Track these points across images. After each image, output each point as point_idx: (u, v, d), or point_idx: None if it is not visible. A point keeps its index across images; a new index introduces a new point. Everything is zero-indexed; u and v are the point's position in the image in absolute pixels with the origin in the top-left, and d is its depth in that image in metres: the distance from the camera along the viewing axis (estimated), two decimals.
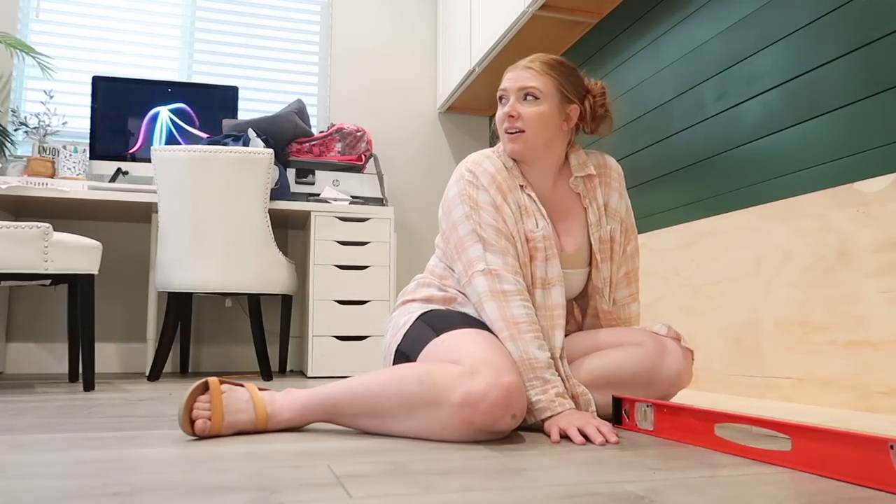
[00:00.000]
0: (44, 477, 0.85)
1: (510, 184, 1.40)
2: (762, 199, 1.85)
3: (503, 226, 1.35)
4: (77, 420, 1.41)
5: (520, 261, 1.36)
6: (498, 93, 1.45)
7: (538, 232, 1.38)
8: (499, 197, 1.37)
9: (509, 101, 1.41)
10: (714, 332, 1.95)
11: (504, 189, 1.38)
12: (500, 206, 1.36)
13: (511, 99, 1.41)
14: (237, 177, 2.55)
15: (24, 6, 3.25)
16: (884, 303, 1.45)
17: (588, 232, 1.47)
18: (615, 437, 1.14)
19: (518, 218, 1.38)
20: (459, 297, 1.41)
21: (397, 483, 0.82)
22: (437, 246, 1.51)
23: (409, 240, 3.66)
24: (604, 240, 1.46)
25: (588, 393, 1.33)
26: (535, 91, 1.39)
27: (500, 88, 1.44)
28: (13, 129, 3.06)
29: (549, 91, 1.40)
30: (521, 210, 1.40)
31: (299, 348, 3.31)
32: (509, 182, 1.40)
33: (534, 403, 1.23)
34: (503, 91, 1.43)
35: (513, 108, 1.39)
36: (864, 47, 1.57)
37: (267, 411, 1.20)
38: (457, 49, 3.43)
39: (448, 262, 1.45)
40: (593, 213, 1.47)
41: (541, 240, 1.38)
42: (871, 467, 0.81)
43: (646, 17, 2.44)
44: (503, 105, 1.43)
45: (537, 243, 1.38)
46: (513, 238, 1.36)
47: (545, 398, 1.22)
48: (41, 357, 3.08)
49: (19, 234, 2.03)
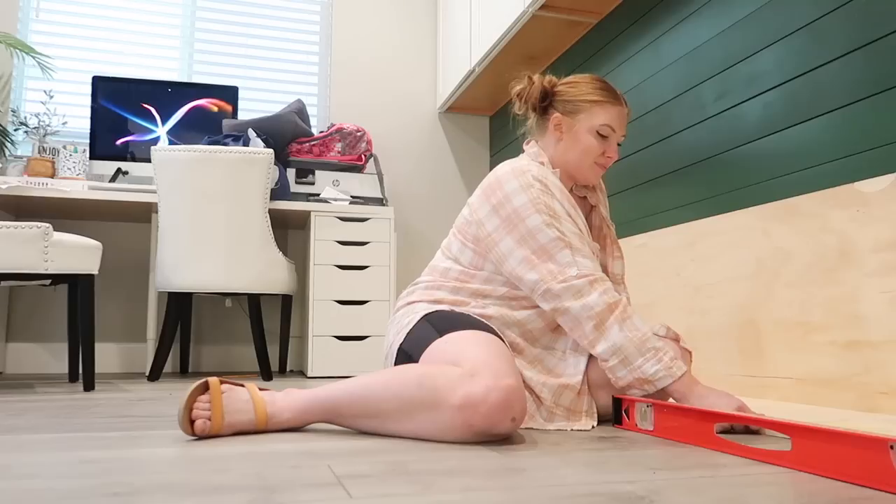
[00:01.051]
0: (44, 477, 0.85)
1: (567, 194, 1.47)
2: (762, 199, 1.85)
3: (583, 233, 1.42)
4: (77, 420, 1.41)
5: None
6: (603, 127, 1.46)
7: (594, 248, 1.49)
8: (567, 204, 1.42)
9: (614, 142, 1.49)
10: (714, 332, 1.95)
11: (568, 198, 1.44)
12: (573, 216, 1.42)
13: (614, 140, 1.48)
14: (237, 177, 2.55)
15: (24, 6, 3.25)
16: (884, 303, 1.45)
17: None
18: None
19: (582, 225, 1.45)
20: (472, 302, 1.41)
21: (397, 483, 0.82)
22: (461, 244, 1.46)
23: (409, 240, 3.66)
24: (613, 229, 1.61)
25: (591, 399, 1.37)
26: (622, 140, 1.52)
27: (608, 125, 1.46)
28: (13, 129, 3.06)
29: None
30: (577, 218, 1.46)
31: (299, 348, 3.31)
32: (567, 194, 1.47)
33: (653, 374, 1.27)
34: (610, 129, 1.47)
35: (616, 153, 1.49)
36: (864, 47, 1.57)
37: (267, 411, 1.20)
38: (457, 49, 3.43)
39: (493, 269, 1.42)
40: (604, 206, 1.60)
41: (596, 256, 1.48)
42: (871, 467, 0.81)
43: (646, 17, 2.44)
44: (605, 141, 1.47)
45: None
46: (592, 245, 1.43)
47: (662, 366, 1.27)
48: (41, 357, 3.08)
49: (19, 234, 2.03)
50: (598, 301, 1.31)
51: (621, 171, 2.54)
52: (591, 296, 1.31)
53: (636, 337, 1.29)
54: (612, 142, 1.48)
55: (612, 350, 1.29)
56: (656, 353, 1.28)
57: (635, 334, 1.29)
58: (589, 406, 1.36)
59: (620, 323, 1.30)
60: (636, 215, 2.44)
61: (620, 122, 1.48)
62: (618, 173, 2.56)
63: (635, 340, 1.29)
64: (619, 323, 1.30)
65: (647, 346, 1.29)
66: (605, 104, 1.46)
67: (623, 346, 1.29)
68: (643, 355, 1.28)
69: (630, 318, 1.31)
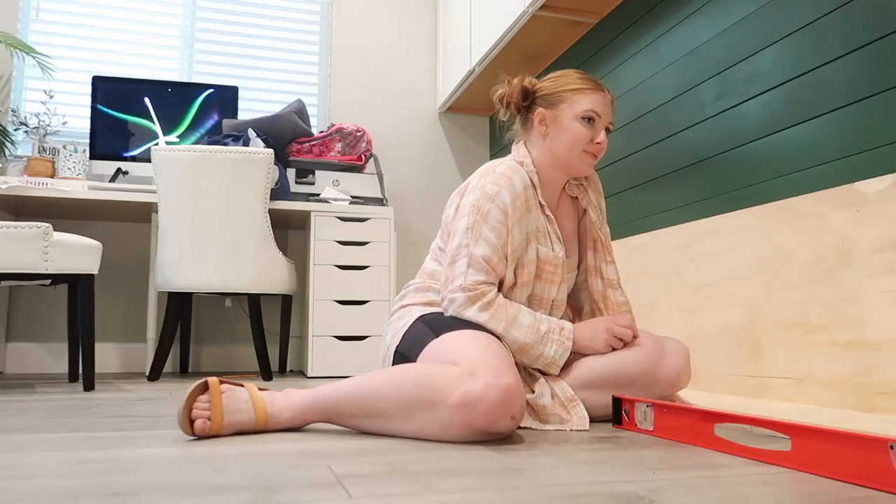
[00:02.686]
0: (44, 477, 0.85)
1: (530, 203, 1.42)
2: (762, 199, 1.85)
3: (506, 243, 1.37)
4: (77, 420, 1.41)
5: (516, 280, 1.41)
6: (588, 112, 1.44)
7: (558, 258, 1.44)
8: (515, 217, 1.38)
9: (599, 126, 1.46)
10: (714, 333, 1.95)
11: (522, 210, 1.40)
12: (511, 228, 1.38)
13: (601, 126, 1.46)
14: (237, 177, 2.55)
15: (24, 6, 3.25)
16: (884, 303, 1.45)
17: (577, 232, 1.56)
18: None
19: (529, 241, 1.42)
20: None
21: (397, 483, 0.82)
22: (439, 249, 1.51)
23: (409, 240, 3.66)
24: (606, 233, 1.56)
25: (577, 399, 1.35)
26: (611, 126, 1.48)
27: (592, 109, 1.44)
28: (13, 129, 3.06)
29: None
30: (540, 232, 1.43)
31: (299, 348, 3.31)
32: (531, 202, 1.42)
33: (553, 357, 1.35)
34: (595, 114, 1.45)
35: (604, 140, 1.46)
36: (864, 47, 1.57)
37: (267, 411, 1.20)
38: (457, 49, 3.43)
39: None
40: (593, 210, 1.55)
41: (561, 264, 1.45)
42: (871, 467, 0.81)
43: (646, 17, 2.44)
44: (592, 127, 1.45)
45: (558, 269, 1.44)
46: (506, 259, 1.38)
47: (557, 346, 1.36)
48: (41, 357, 3.08)
49: (19, 234, 2.03)
50: (477, 318, 1.34)
51: (621, 171, 2.54)
52: (470, 310, 1.34)
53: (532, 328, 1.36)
54: (598, 127, 1.45)
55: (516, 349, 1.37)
56: (545, 340, 1.36)
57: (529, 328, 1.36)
58: (572, 404, 1.35)
59: (513, 326, 1.35)
60: (636, 215, 2.44)
61: (604, 107, 1.45)
62: (618, 173, 2.56)
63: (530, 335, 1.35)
64: (512, 326, 1.35)
65: (538, 338, 1.36)
66: (586, 90, 1.45)
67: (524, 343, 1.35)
68: (539, 347, 1.36)
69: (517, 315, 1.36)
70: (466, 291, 1.34)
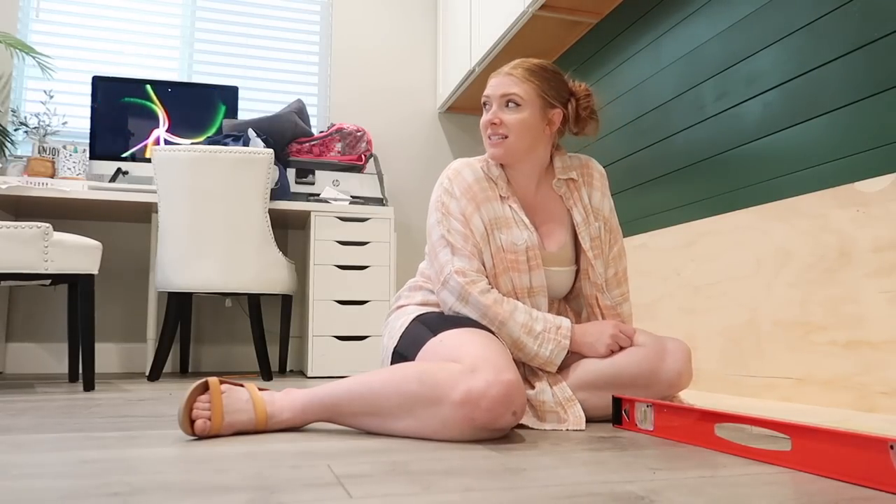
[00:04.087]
0: (44, 477, 0.85)
1: (488, 195, 1.44)
2: (762, 199, 1.85)
3: (470, 234, 1.41)
4: (77, 420, 1.41)
5: (486, 270, 1.43)
6: (482, 99, 1.49)
7: (521, 244, 1.42)
8: (469, 207, 1.42)
9: (492, 107, 1.46)
10: (714, 332, 1.95)
11: (478, 200, 1.43)
12: (469, 217, 1.42)
13: (493, 106, 1.46)
14: (237, 177, 2.55)
15: (24, 6, 3.25)
16: (884, 303, 1.45)
17: (574, 232, 1.51)
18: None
19: (491, 230, 1.43)
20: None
21: (397, 483, 0.82)
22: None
23: (409, 240, 3.66)
24: (594, 237, 1.51)
25: (575, 400, 1.35)
26: (516, 98, 1.43)
27: (483, 95, 1.48)
28: (13, 129, 3.06)
29: (531, 97, 1.44)
30: (500, 221, 1.44)
31: (299, 348, 3.31)
32: (487, 193, 1.44)
33: (549, 356, 1.36)
34: (486, 98, 1.48)
35: (495, 116, 1.45)
36: (864, 47, 1.57)
37: (267, 411, 1.20)
38: (457, 49, 3.43)
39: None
40: (578, 213, 1.50)
41: (524, 251, 1.43)
42: (871, 467, 0.81)
43: (646, 17, 2.44)
44: (487, 111, 1.47)
45: (520, 255, 1.42)
46: (478, 246, 1.41)
47: (553, 346, 1.36)
48: (41, 357, 3.08)
49: (19, 234, 2.03)
50: (482, 300, 1.36)
51: (621, 171, 2.54)
52: (474, 290, 1.37)
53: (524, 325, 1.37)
54: (492, 109, 1.46)
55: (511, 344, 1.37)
56: (542, 340, 1.36)
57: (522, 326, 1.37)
58: (571, 405, 1.34)
59: (508, 321, 1.36)
60: (636, 215, 2.44)
61: (495, 88, 1.46)
62: (618, 173, 2.56)
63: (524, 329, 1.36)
64: (507, 321, 1.36)
65: (533, 336, 1.36)
66: (489, 81, 1.49)
67: (518, 339, 1.36)
68: (534, 345, 1.36)
69: (512, 311, 1.37)
70: (461, 276, 1.37)
